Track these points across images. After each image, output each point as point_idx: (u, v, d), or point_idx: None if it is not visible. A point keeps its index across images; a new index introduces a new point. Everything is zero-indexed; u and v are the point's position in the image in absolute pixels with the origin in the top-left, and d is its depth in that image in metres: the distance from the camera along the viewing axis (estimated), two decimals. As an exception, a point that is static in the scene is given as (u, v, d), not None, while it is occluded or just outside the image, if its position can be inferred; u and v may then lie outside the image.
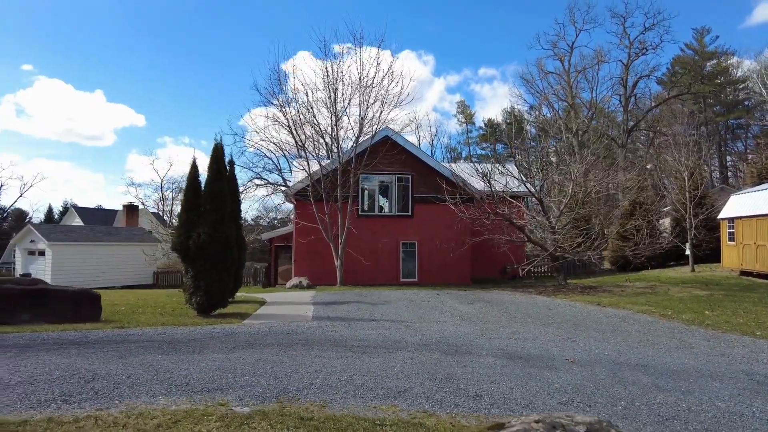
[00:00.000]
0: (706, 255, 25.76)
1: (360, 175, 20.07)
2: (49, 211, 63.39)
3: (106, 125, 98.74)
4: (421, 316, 10.72)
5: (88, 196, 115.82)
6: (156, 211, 58.52)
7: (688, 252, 23.49)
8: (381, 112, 20.20)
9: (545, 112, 48.87)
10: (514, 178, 19.60)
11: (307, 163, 20.19)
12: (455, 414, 4.55)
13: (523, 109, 52.46)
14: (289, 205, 44.63)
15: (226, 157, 11.62)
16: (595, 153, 20.25)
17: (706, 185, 27.83)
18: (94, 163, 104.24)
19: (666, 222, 28.47)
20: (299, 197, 20.36)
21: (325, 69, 20.18)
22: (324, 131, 20.99)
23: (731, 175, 54.53)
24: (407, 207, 20.87)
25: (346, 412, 4.49)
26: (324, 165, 20.06)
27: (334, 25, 37.73)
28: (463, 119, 66.69)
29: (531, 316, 10.96)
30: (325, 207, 19.24)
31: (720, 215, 22.09)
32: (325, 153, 23.48)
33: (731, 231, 20.54)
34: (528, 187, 19.65)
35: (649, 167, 38.49)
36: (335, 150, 20.51)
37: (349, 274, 19.46)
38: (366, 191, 21.12)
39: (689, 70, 49.07)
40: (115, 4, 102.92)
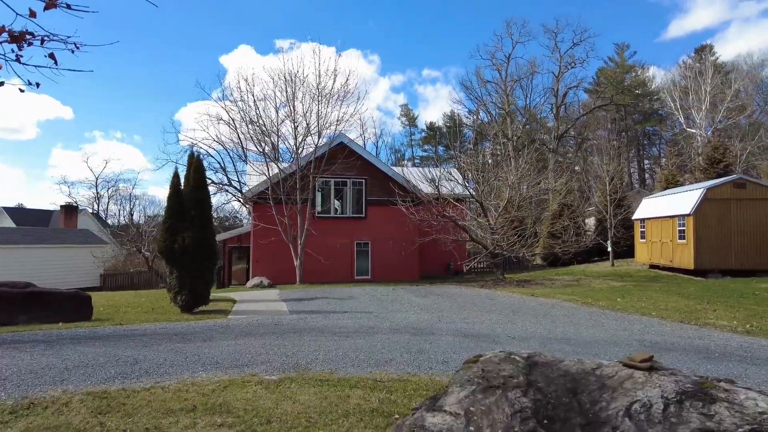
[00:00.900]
0: (623, 251, 29.13)
1: (317, 179, 21.36)
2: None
3: (27, 117, 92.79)
4: (385, 307, 12.32)
5: (6, 195, 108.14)
6: (91, 210, 56.45)
7: (608, 249, 26.61)
8: (333, 112, 21.59)
9: (483, 117, 52.00)
10: (459, 183, 21.63)
11: (266, 168, 21.22)
12: (431, 374, 6.14)
13: (463, 113, 55.42)
14: (234, 205, 44.84)
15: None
16: (529, 162, 22.63)
17: (625, 188, 31.30)
18: (12, 158, 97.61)
19: (590, 222, 31.79)
20: (258, 200, 21.35)
21: (284, 77, 21.31)
22: (271, 131, 22.06)
23: (648, 177, 60.34)
24: (361, 209, 22.41)
25: (352, 375, 5.97)
26: (282, 168, 21.17)
27: (279, 19, 38.47)
28: (406, 122, 69.04)
29: (477, 306, 12.83)
30: (284, 209, 20.37)
31: (634, 216, 25.28)
32: (272, 152, 24.55)
33: (643, 230, 23.67)
34: (470, 191, 21.71)
35: (577, 169, 42.31)
36: (287, 150, 21.72)
37: (308, 273, 20.72)
38: (322, 194, 22.45)
39: (611, 82, 53.91)
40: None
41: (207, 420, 4.35)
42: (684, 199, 20.13)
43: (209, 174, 24.20)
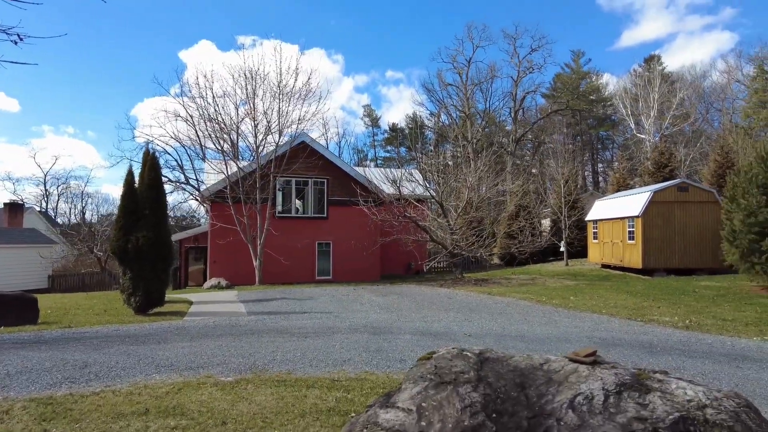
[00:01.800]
0: (577, 251, 30.17)
1: (278, 178, 21.13)
2: None
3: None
4: (346, 307, 12.34)
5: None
6: (39, 209, 53.79)
7: (563, 249, 27.52)
8: (294, 111, 21.44)
9: (444, 119, 52.72)
10: (420, 184, 21.88)
11: (225, 166, 20.82)
12: (389, 372, 6.22)
13: (424, 115, 56.01)
14: (192, 204, 43.71)
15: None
16: (487, 164, 23.13)
17: (579, 191, 32.42)
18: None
19: (546, 222, 32.79)
20: (216, 199, 20.91)
21: (245, 75, 20.98)
22: (231, 129, 21.69)
23: (602, 180, 62.75)
24: (323, 209, 22.31)
25: (309, 376, 5.97)
26: (242, 167, 20.81)
27: (241, 15, 37.84)
28: (369, 122, 69.20)
29: (435, 304, 13.02)
30: (243, 209, 20.01)
31: (587, 217, 26.24)
32: (230, 150, 24.19)
33: (595, 231, 24.60)
34: (431, 192, 22.00)
35: (534, 171, 43.57)
36: (247, 148, 21.42)
37: (268, 274, 20.47)
38: (283, 193, 22.22)
39: (567, 88, 55.79)
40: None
41: (160, 423, 4.27)
42: (633, 202, 21.06)
43: (166, 172, 23.54)
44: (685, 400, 2.77)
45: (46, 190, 57.10)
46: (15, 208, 36.41)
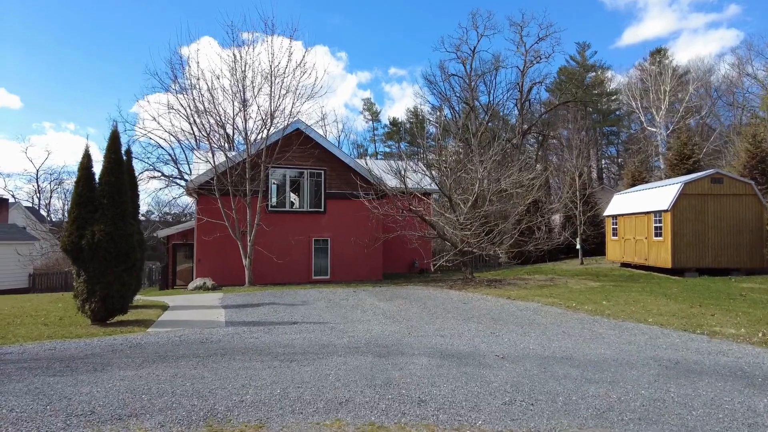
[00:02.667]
0: (592, 249, 28.32)
1: (270, 169, 19.21)
2: None
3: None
4: (344, 316, 10.42)
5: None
6: (31, 205, 51.98)
7: (578, 246, 25.61)
8: (293, 105, 19.50)
9: (446, 113, 50.63)
10: (427, 176, 19.95)
11: (212, 155, 18.89)
12: (404, 424, 4.34)
13: (426, 109, 53.93)
14: (186, 200, 41.73)
15: (123, 146, 10.41)
16: (498, 154, 21.20)
17: (594, 184, 30.55)
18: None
19: (557, 218, 30.87)
20: (203, 191, 18.95)
21: (233, 55, 18.99)
22: (226, 121, 19.78)
23: (605, 176, 60.84)
24: (320, 203, 20.37)
25: (290, 429, 4.09)
26: (231, 157, 18.86)
27: (244, 10, 35.85)
28: (369, 116, 67.14)
29: (450, 312, 11.12)
30: (231, 202, 18.09)
31: (605, 213, 24.32)
32: (227, 144, 22.24)
33: (615, 227, 22.69)
34: (438, 185, 20.09)
35: (539, 168, 41.55)
36: (242, 141, 19.46)
37: (259, 274, 18.57)
38: (276, 186, 20.28)
39: (573, 80, 53.68)
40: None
41: None
42: (660, 195, 19.15)
43: (160, 166, 21.58)
44: None
45: (38, 186, 55.24)
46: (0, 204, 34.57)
